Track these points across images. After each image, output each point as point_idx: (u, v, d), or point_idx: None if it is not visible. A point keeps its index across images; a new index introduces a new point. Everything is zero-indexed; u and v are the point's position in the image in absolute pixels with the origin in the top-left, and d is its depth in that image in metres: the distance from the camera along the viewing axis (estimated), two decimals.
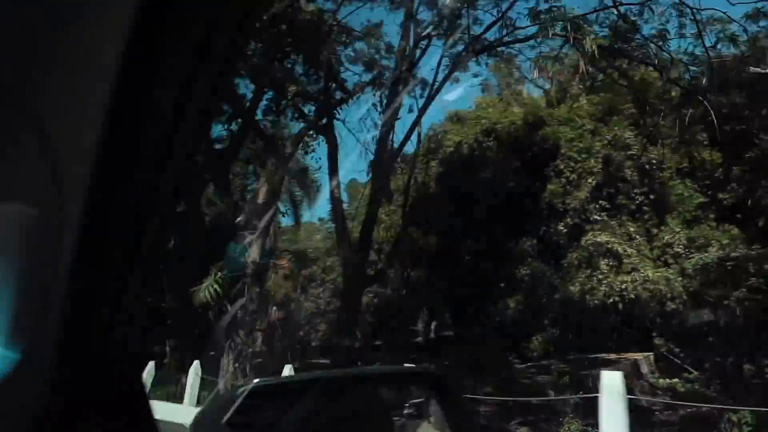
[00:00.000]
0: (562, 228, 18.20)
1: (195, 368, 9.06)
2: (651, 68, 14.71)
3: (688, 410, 13.57)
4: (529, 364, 17.64)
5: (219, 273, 10.78)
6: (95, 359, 0.88)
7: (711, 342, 16.97)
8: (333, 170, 13.60)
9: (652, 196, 18.62)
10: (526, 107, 21.26)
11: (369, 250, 12.29)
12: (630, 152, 18.45)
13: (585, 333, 19.31)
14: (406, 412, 3.12)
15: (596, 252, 17.74)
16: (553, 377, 14.60)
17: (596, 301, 17.40)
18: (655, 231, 18.54)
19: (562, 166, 18.72)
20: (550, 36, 12.55)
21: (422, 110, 15.94)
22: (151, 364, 10.01)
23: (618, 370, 16.56)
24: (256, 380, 1.74)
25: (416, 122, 15.91)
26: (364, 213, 14.09)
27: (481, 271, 19.61)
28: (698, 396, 15.37)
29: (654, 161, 18.40)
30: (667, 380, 17.32)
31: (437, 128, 23.97)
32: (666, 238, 18.19)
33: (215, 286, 10.67)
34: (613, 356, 18.23)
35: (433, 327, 28.14)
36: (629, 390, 15.40)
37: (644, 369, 17.79)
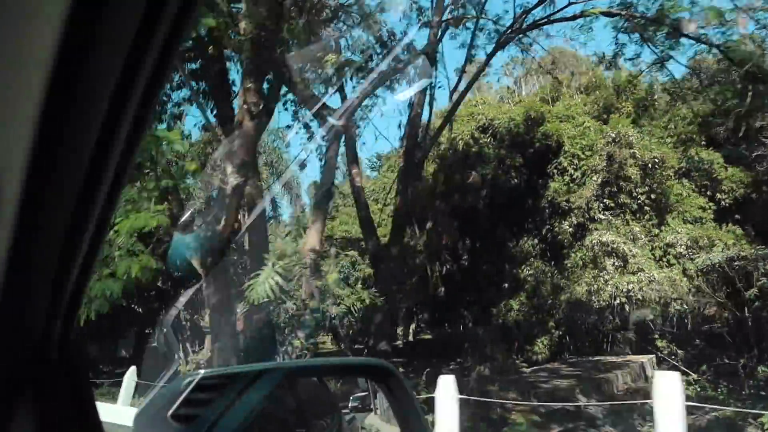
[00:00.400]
0: (567, 227, 17.65)
1: None
2: (715, 49, 13.91)
3: (714, 414, 13.13)
4: (534, 367, 16.99)
5: (278, 263, 9.33)
6: (32, 355, 0.90)
7: (718, 344, 16.74)
8: (352, 158, 12.48)
9: (652, 196, 18.32)
10: (522, 104, 20.74)
11: (402, 243, 11.20)
12: (632, 150, 18.06)
13: (586, 335, 18.90)
14: (351, 405, 3.12)
15: (601, 252, 17.27)
16: (571, 382, 13.92)
17: (602, 302, 16.94)
18: (656, 231, 18.24)
19: (565, 164, 18.20)
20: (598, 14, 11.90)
21: (461, 96, 14.97)
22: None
23: (626, 372, 16.20)
24: (202, 371, 1.61)
25: (453, 110, 14.91)
26: (392, 204, 13.01)
27: (482, 271, 18.94)
28: (710, 399, 15.05)
29: (656, 159, 18.07)
30: None
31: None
32: (668, 238, 17.89)
33: (276, 278, 9.20)
34: (615, 359, 17.84)
35: (411, 330, 27.43)
36: (646, 394, 14.98)
37: (649, 372, 17.44)
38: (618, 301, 16.74)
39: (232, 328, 9.48)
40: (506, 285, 18.11)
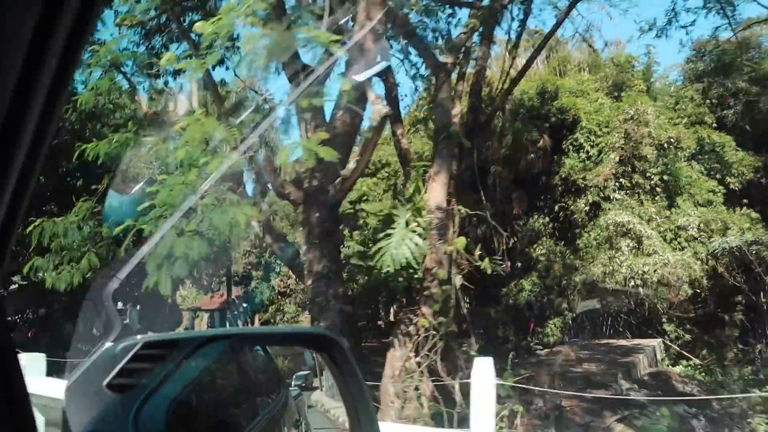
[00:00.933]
0: (582, 205, 17.01)
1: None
2: None
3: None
4: (547, 350, 16.42)
5: (418, 219, 7.72)
6: None
7: (730, 329, 16.58)
8: (396, 116, 11.22)
9: (665, 177, 17.91)
10: (534, 77, 19.86)
11: (467, 212, 9.91)
12: (648, 129, 17.51)
13: (595, 317, 18.51)
14: (295, 383, 3.53)
15: (616, 232, 16.74)
16: (601, 367, 13.36)
17: (615, 284, 16.48)
18: (666, 213, 17.85)
19: (582, 140, 17.52)
20: None
21: (537, 51, 13.69)
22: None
23: (640, 356, 15.79)
24: (139, 336, 1.41)
25: (527, 66, 13.58)
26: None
27: (491, 249, 18.13)
28: (726, 385, 14.84)
29: (672, 139, 17.61)
30: (680, 367, 16.84)
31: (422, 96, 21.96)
32: (679, 220, 17.51)
33: (415, 239, 7.55)
34: (625, 342, 17.50)
35: (393, 310, 26.69)
36: (668, 379, 14.57)
37: (659, 356, 17.16)
38: (633, 283, 16.28)
39: (342, 301, 8.17)
40: (518, 264, 17.37)
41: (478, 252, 9.23)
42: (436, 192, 9.08)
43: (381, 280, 9.05)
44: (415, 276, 8.20)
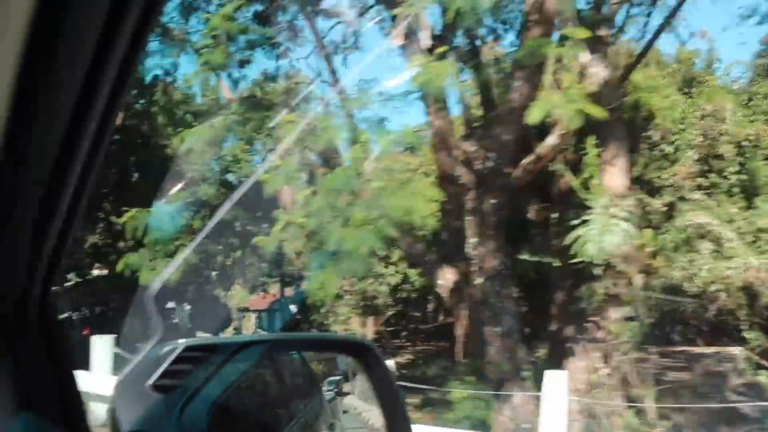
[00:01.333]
0: (660, 206, 16.20)
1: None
2: None
3: None
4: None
5: (618, 202, 6.91)
6: (12, 312, 0.88)
7: None
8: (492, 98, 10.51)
9: (743, 176, 17.02)
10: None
11: None
12: (726, 126, 16.67)
13: (664, 323, 17.65)
14: (326, 389, 3.27)
15: (695, 234, 15.89)
16: (692, 375, 12.54)
17: (695, 289, 15.64)
18: (745, 214, 16.95)
19: (656, 137, 16.70)
20: None
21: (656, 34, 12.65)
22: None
23: (728, 365, 14.92)
24: (182, 340, 1.49)
25: (645, 52, 12.67)
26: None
27: (552, 251, 17.39)
28: None
29: (751, 137, 16.72)
30: (762, 377, 15.92)
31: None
32: (759, 222, 16.59)
33: (623, 225, 6.88)
34: (701, 350, 16.65)
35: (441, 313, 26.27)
36: (762, 389, 13.69)
37: (740, 364, 16.24)
38: (715, 287, 15.42)
39: (516, 303, 7.55)
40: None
41: (647, 249, 8.53)
42: (615, 177, 8.35)
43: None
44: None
